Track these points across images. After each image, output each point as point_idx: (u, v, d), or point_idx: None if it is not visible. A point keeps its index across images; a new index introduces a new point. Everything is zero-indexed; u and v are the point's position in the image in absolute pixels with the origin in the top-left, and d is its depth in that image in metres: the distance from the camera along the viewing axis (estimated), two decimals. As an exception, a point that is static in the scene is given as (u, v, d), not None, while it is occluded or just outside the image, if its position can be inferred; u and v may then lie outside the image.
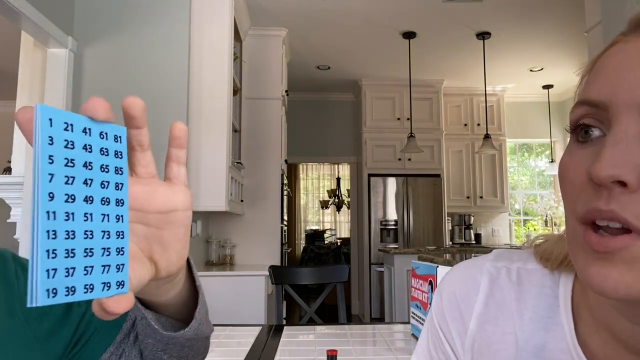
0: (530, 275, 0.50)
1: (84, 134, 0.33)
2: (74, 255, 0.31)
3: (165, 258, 0.41)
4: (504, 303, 0.49)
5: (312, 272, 2.29)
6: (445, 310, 0.53)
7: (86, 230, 0.33)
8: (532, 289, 0.49)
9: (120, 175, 0.36)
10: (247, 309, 2.98)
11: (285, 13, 3.90)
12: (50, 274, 0.30)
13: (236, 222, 3.87)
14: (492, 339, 0.49)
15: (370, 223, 5.36)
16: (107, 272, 0.34)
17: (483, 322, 0.50)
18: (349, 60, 5.00)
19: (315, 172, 9.89)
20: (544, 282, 0.49)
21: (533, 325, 0.47)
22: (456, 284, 0.53)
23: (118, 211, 0.35)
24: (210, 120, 3.01)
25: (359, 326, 1.77)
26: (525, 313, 0.48)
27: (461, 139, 5.78)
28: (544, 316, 0.47)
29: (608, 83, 0.37)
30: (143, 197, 0.39)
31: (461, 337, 0.51)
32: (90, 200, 0.33)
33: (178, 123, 0.40)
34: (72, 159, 0.32)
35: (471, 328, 0.50)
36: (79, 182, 0.33)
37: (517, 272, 0.50)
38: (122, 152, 0.37)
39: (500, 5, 3.79)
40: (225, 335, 1.61)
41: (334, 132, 6.09)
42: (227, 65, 3.07)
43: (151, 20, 3.00)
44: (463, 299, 0.52)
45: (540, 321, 0.47)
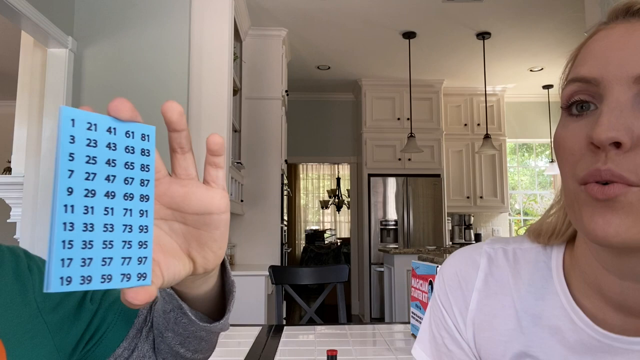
0: (525, 253, 0.54)
1: (109, 133, 0.35)
2: (92, 246, 0.33)
3: (202, 256, 0.43)
4: (502, 280, 0.54)
5: (312, 272, 2.29)
6: (447, 289, 0.57)
7: (106, 224, 0.34)
8: (527, 265, 0.53)
9: (146, 172, 0.38)
10: (247, 309, 2.98)
11: (285, 13, 3.89)
12: (65, 262, 0.32)
13: (236, 222, 3.87)
14: (492, 313, 0.53)
15: (370, 223, 5.36)
16: (128, 264, 0.35)
17: (483, 298, 0.54)
18: (349, 60, 4.99)
19: (315, 172, 9.89)
20: (537, 257, 0.53)
21: (530, 296, 0.52)
22: (457, 265, 0.57)
23: (142, 206, 0.37)
24: (210, 120, 3.01)
25: (359, 326, 1.77)
26: (522, 287, 0.53)
27: (461, 139, 5.78)
28: (539, 287, 0.52)
29: (597, 62, 0.42)
30: (180, 198, 0.41)
31: (462, 314, 0.55)
32: (112, 195, 0.35)
33: (214, 136, 0.42)
34: (94, 156, 0.34)
35: (472, 304, 0.54)
36: (101, 178, 0.34)
37: (513, 252, 0.55)
38: (149, 150, 0.38)
39: (500, 5, 3.79)
40: (225, 335, 1.61)
41: (334, 132, 6.08)
42: (227, 65, 3.07)
43: (151, 20, 3.00)
44: (464, 277, 0.56)
45: (537, 292, 0.52)
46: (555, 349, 0.49)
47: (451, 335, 0.56)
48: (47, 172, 2.75)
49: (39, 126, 2.83)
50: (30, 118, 2.89)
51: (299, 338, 1.58)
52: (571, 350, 0.48)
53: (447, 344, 0.56)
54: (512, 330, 0.52)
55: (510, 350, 0.52)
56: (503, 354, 0.52)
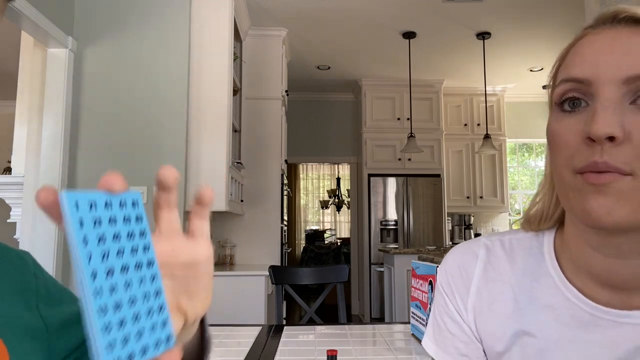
0: (520, 241, 0.60)
1: (107, 208, 0.35)
2: (125, 324, 0.34)
3: (192, 306, 0.44)
4: (500, 267, 0.59)
5: (312, 272, 2.29)
6: (450, 278, 0.62)
7: (130, 298, 0.35)
8: (522, 252, 0.59)
9: (144, 239, 0.39)
10: (247, 309, 2.98)
11: (285, 13, 3.89)
12: (110, 348, 0.33)
13: (236, 222, 3.87)
14: (491, 298, 0.58)
15: (370, 223, 5.36)
16: (155, 331, 0.37)
17: (482, 284, 0.59)
18: (349, 60, 4.99)
19: (315, 172, 9.89)
20: (531, 244, 0.59)
21: (526, 279, 0.57)
22: (458, 256, 0.63)
23: (151, 272, 0.38)
24: (210, 120, 3.01)
25: (359, 326, 1.77)
26: (518, 272, 0.58)
27: (461, 139, 5.78)
28: (534, 270, 0.57)
29: (588, 64, 0.48)
30: (167, 252, 0.42)
31: (463, 300, 0.60)
32: (126, 270, 0.36)
33: (208, 189, 0.43)
34: (102, 235, 0.34)
35: (472, 290, 0.60)
36: (113, 255, 0.35)
37: (509, 242, 0.61)
38: (141, 216, 0.39)
39: (500, 5, 3.79)
40: (225, 335, 1.61)
41: (334, 132, 6.08)
42: (227, 65, 3.07)
43: (151, 20, 3.00)
44: (464, 267, 0.61)
45: (532, 275, 0.57)
46: (551, 325, 0.54)
47: (453, 319, 0.61)
48: (47, 172, 2.75)
49: (39, 126, 2.83)
50: (30, 118, 2.89)
51: (299, 338, 1.58)
52: (565, 325, 0.53)
53: (450, 328, 0.61)
54: (510, 312, 0.57)
55: (509, 330, 0.56)
56: (503, 334, 0.57)
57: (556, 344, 0.53)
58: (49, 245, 2.69)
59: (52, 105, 2.78)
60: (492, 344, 0.58)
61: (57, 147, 2.77)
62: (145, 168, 2.90)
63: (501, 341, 0.57)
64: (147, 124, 2.92)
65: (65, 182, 2.79)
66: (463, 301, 0.60)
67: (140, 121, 2.92)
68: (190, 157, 2.97)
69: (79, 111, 2.90)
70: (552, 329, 0.54)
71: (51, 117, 2.78)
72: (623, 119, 0.45)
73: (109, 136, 2.91)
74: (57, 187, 2.73)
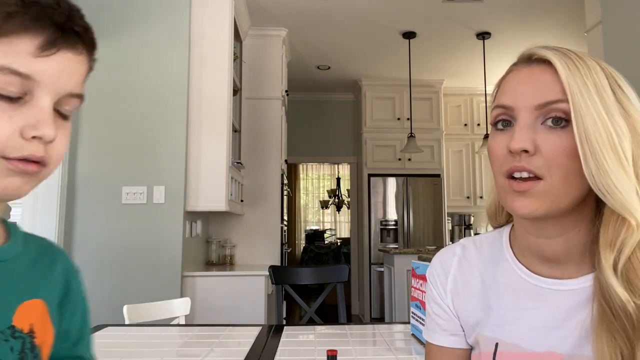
0: (487, 238, 0.77)
1: None
2: None
3: None
4: (471, 259, 0.76)
5: (312, 272, 2.29)
6: (434, 271, 0.79)
7: None
8: (487, 245, 0.76)
9: None
10: (247, 309, 2.98)
11: (285, 13, 3.90)
12: None
13: (236, 222, 3.87)
14: (464, 282, 0.75)
15: (370, 223, 5.36)
16: None
17: (457, 273, 0.76)
18: (349, 60, 4.99)
19: (315, 172, 9.89)
20: (495, 239, 0.76)
21: (489, 264, 0.74)
22: (441, 255, 0.80)
23: None
24: (210, 120, 3.01)
25: (359, 326, 1.77)
26: (484, 260, 0.75)
27: (461, 139, 5.78)
28: (495, 257, 0.73)
29: (512, 94, 0.64)
30: None
31: (443, 286, 0.77)
32: None
33: None
34: None
35: (450, 279, 0.76)
36: None
37: (479, 239, 0.78)
38: None
39: (500, 5, 3.79)
40: (225, 335, 1.61)
41: (334, 132, 6.08)
42: (227, 65, 3.07)
43: (151, 20, 3.00)
44: (444, 261, 0.78)
45: (494, 261, 0.73)
46: (508, 298, 0.69)
47: (437, 303, 0.77)
48: (47, 172, 2.74)
49: (39, 126, 2.83)
50: (30, 118, 2.88)
51: (299, 338, 1.58)
52: (518, 297, 0.68)
53: (435, 311, 0.78)
54: (478, 291, 0.73)
55: (478, 305, 0.72)
56: (474, 309, 0.73)
57: (511, 312, 0.68)
58: (49, 245, 2.69)
59: (52, 105, 2.78)
60: (466, 318, 0.74)
61: (57, 147, 2.76)
62: (145, 168, 2.90)
63: (473, 315, 0.73)
64: (147, 124, 2.92)
65: (65, 182, 2.79)
66: (443, 287, 0.77)
67: (140, 121, 2.92)
68: (190, 157, 2.97)
69: (79, 111, 2.89)
70: (509, 301, 0.69)
71: (51, 117, 2.77)
72: (535, 136, 0.60)
73: (110, 136, 2.91)
74: (57, 187, 2.73)
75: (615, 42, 2.51)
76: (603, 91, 0.60)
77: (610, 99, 0.60)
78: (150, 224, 2.87)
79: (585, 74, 0.60)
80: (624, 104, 0.61)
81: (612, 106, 0.60)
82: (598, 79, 0.61)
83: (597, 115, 0.58)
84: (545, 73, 0.63)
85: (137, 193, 2.87)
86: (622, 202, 0.57)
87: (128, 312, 1.86)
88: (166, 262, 2.85)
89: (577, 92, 0.59)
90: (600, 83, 0.60)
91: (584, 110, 0.58)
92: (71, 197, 2.83)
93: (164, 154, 2.91)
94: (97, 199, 2.86)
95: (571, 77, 0.60)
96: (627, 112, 0.60)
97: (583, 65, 0.62)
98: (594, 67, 0.62)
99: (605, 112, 0.59)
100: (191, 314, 2.70)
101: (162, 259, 2.85)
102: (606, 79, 0.61)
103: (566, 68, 0.61)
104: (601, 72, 0.62)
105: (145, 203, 2.88)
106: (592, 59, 0.63)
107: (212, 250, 3.69)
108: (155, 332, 1.67)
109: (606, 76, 0.61)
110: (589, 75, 0.60)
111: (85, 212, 2.85)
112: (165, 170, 2.90)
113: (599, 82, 0.60)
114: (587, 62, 0.62)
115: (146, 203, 2.88)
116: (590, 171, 0.57)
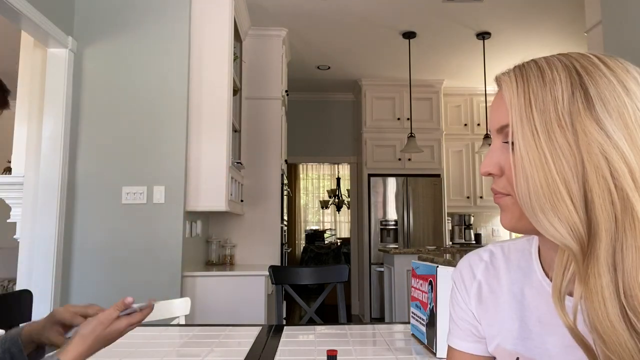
0: (516, 245, 0.75)
1: None
2: None
3: None
4: (499, 266, 0.74)
5: (312, 272, 2.29)
6: (461, 274, 0.78)
7: None
8: (516, 253, 0.74)
9: None
10: (247, 309, 2.98)
11: (285, 13, 3.90)
12: None
13: (236, 222, 3.87)
14: (489, 289, 0.73)
15: (370, 223, 5.36)
16: None
17: (483, 279, 0.75)
18: (349, 60, 4.99)
19: (315, 172, 9.89)
20: (524, 247, 0.73)
21: (518, 275, 0.71)
22: (467, 259, 0.79)
23: None
24: (210, 120, 3.01)
25: (359, 326, 1.77)
26: (512, 269, 0.73)
27: (461, 139, 5.78)
28: (523, 267, 0.71)
29: (489, 119, 0.68)
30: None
31: (468, 290, 0.76)
32: None
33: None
34: None
35: (475, 284, 0.75)
36: None
37: (508, 246, 0.76)
38: None
39: (500, 5, 3.79)
40: (225, 335, 1.61)
41: (334, 132, 6.08)
42: (227, 65, 3.07)
43: (151, 20, 3.00)
44: (471, 266, 0.77)
45: (522, 271, 0.71)
46: (534, 313, 0.67)
47: (460, 306, 0.77)
48: (47, 172, 2.75)
49: (39, 126, 2.83)
50: (30, 118, 2.89)
51: (299, 338, 1.58)
52: (544, 313, 0.66)
53: (459, 315, 0.77)
54: (504, 302, 0.71)
55: (502, 316, 0.71)
56: (497, 320, 0.71)
57: (537, 326, 0.67)
58: (48, 245, 2.69)
59: (52, 105, 2.78)
60: (488, 327, 0.73)
61: (57, 147, 2.77)
62: (145, 168, 2.90)
63: (496, 325, 0.71)
64: (147, 124, 2.92)
65: (65, 182, 2.79)
66: (467, 291, 0.76)
67: (140, 121, 2.92)
68: (190, 157, 2.97)
69: (79, 111, 2.89)
70: (535, 316, 0.67)
71: (51, 117, 2.78)
72: (500, 159, 0.63)
73: (109, 136, 2.91)
74: (57, 187, 2.73)
75: (615, 42, 2.51)
76: (552, 108, 0.55)
77: (562, 116, 0.55)
78: (150, 224, 2.87)
79: (534, 90, 0.57)
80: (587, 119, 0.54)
81: (555, 124, 0.55)
82: (553, 93, 0.56)
83: (532, 136, 0.56)
84: (501, 97, 0.63)
85: (137, 193, 2.88)
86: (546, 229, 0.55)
87: (128, 312, 1.85)
88: (166, 262, 2.85)
89: (516, 113, 0.58)
90: (551, 97, 0.56)
91: (519, 132, 0.57)
92: (71, 197, 2.83)
93: (164, 154, 2.91)
94: (97, 199, 2.86)
95: (515, 99, 0.58)
96: (584, 130, 0.54)
97: (539, 80, 0.57)
98: (555, 79, 0.56)
99: (543, 132, 0.55)
100: (191, 314, 2.70)
101: (162, 259, 2.85)
102: (569, 90, 0.55)
103: (513, 90, 0.59)
104: (566, 83, 0.56)
105: (145, 203, 2.88)
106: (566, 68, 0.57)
107: (212, 250, 3.70)
108: (155, 332, 1.67)
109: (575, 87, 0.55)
110: (538, 92, 0.57)
111: (85, 212, 2.85)
112: (165, 170, 2.90)
113: (548, 96, 0.56)
114: (552, 73, 0.57)
115: (146, 203, 2.88)
116: (520, 195, 0.57)
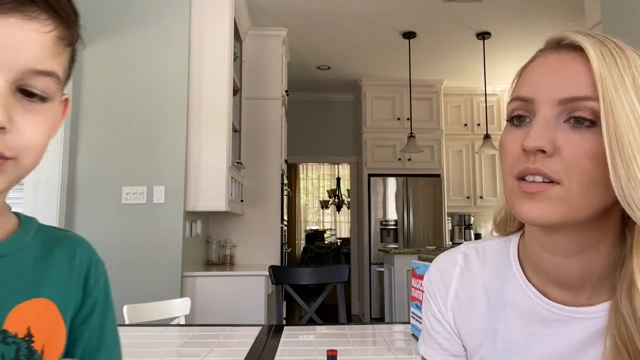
0: (492, 247, 0.68)
1: None
2: None
3: None
4: (474, 271, 0.67)
5: (312, 272, 2.29)
6: (432, 282, 0.70)
7: None
8: (493, 256, 0.67)
9: None
10: (247, 309, 2.97)
11: (285, 13, 3.89)
12: None
13: (236, 222, 3.87)
14: (467, 297, 0.66)
15: (370, 223, 5.36)
16: None
17: (459, 286, 0.67)
18: (349, 60, 4.99)
19: (315, 172, 9.89)
20: (500, 249, 0.67)
21: (495, 280, 0.65)
22: (440, 264, 0.71)
23: None
24: (210, 120, 3.01)
25: (359, 326, 1.77)
26: (489, 273, 0.66)
27: (461, 139, 5.78)
28: (502, 272, 0.64)
29: (533, 85, 0.55)
30: None
31: (444, 300, 0.68)
32: None
33: None
34: None
35: (451, 292, 0.67)
36: None
37: (483, 248, 0.69)
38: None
39: (500, 5, 3.79)
40: (225, 335, 1.61)
41: (334, 132, 6.08)
42: (227, 65, 3.07)
43: (151, 20, 3.00)
44: (445, 272, 0.69)
45: (500, 276, 0.64)
46: (516, 321, 0.61)
47: (436, 318, 0.69)
48: (47, 172, 2.75)
49: (39, 126, 2.82)
50: (30, 118, 2.88)
51: (299, 338, 1.58)
52: (528, 321, 0.60)
53: (434, 327, 0.69)
54: (483, 310, 0.65)
55: (482, 325, 0.64)
56: (477, 330, 0.65)
57: (520, 337, 0.61)
58: (49, 245, 2.69)
59: (52, 105, 2.78)
60: (468, 339, 0.66)
61: (57, 147, 2.77)
62: (145, 168, 2.90)
63: (477, 336, 0.65)
64: (147, 124, 2.92)
65: (65, 182, 2.79)
66: (443, 301, 0.68)
67: (140, 121, 2.92)
68: (190, 157, 2.97)
69: (79, 111, 2.89)
70: (517, 324, 0.61)
71: (51, 117, 2.77)
72: (555, 135, 0.52)
73: (109, 136, 2.91)
74: (57, 187, 2.73)
75: (615, 42, 2.51)
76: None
77: None
78: (150, 224, 2.87)
79: (623, 66, 0.51)
80: None
81: None
82: (638, 73, 0.51)
83: (633, 117, 0.49)
84: (575, 63, 0.53)
85: (137, 193, 2.87)
86: None
87: (128, 312, 1.86)
88: (166, 262, 2.85)
89: (611, 87, 0.49)
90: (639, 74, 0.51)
91: (618, 109, 0.49)
92: (71, 197, 2.83)
93: (164, 154, 2.91)
94: (97, 199, 2.86)
95: (606, 70, 0.50)
96: None
97: (622, 56, 0.51)
98: (635, 60, 0.52)
99: None
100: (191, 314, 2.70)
101: (162, 259, 2.85)
102: None
103: (601, 58, 0.51)
104: None
105: (145, 203, 2.87)
106: (634, 50, 0.53)
107: (212, 250, 3.69)
108: (155, 332, 1.67)
109: None
110: (627, 69, 0.51)
111: (85, 212, 2.85)
112: (165, 170, 2.90)
113: (638, 77, 0.51)
114: (627, 52, 0.52)
115: (146, 203, 2.88)
116: (619, 181, 0.48)
